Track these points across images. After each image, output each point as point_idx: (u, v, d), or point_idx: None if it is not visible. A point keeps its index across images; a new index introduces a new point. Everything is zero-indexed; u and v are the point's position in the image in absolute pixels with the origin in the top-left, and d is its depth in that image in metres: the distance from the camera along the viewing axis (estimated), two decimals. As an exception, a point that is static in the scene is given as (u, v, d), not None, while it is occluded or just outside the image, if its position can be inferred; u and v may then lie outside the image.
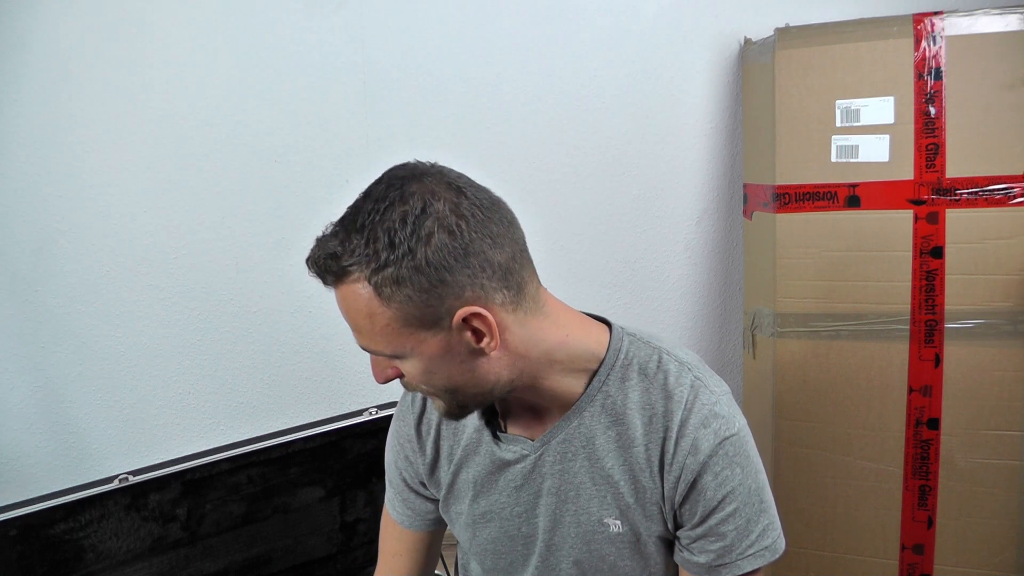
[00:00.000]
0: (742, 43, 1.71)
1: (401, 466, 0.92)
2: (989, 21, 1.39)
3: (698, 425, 0.74)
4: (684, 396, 0.75)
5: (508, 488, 0.83)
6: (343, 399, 1.90)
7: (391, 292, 0.65)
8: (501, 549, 0.86)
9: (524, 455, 0.81)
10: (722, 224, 1.84)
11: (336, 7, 1.74)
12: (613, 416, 0.77)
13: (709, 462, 0.74)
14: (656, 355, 0.79)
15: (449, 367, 0.71)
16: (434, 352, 0.69)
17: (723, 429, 0.74)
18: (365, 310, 0.67)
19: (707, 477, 0.74)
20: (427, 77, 1.77)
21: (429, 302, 0.66)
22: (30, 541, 1.06)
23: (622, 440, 0.77)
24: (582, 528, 0.80)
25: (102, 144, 1.79)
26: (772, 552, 0.77)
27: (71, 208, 1.81)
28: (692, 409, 0.75)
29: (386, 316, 0.67)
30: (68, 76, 1.75)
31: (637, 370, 0.78)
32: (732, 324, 1.89)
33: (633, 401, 0.77)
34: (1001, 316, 1.42)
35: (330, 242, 0.67)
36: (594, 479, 0.79)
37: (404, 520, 0.94)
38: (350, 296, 0.67)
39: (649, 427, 0.76)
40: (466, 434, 0.85)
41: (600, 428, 0.78)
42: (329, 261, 0.66)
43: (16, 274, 1.83)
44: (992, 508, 1.46)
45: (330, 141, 1.79)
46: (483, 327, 0.68)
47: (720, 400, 0.76)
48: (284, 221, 1.80)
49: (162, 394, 1.91)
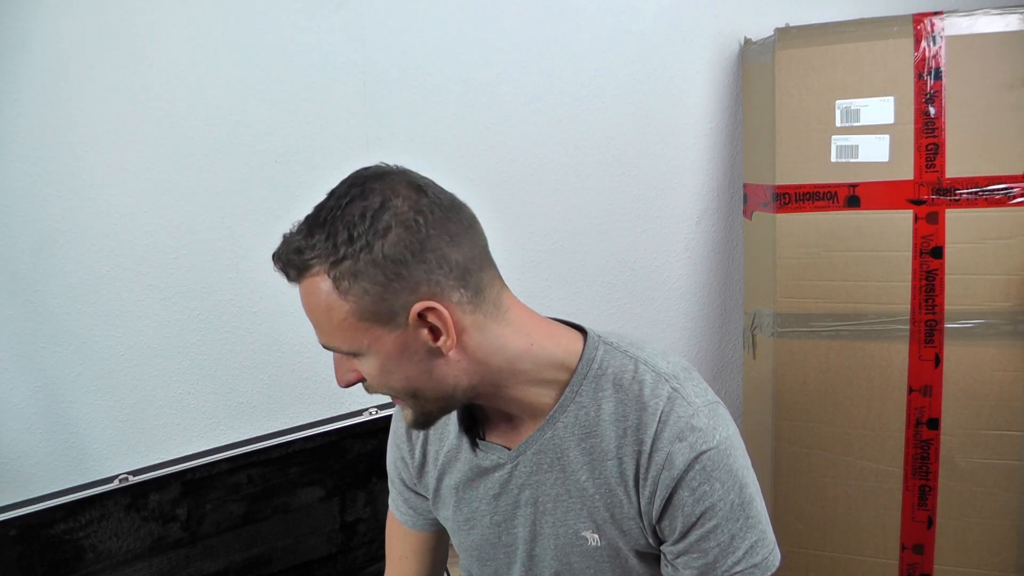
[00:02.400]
0: (742, 43, 1.71)
1: (399, 466, 0.92)
2: (989, 21, 1.39)
3: (672, 439, 0.71)
4: (659, 408, 0.72)
5: (487, 496, 0.82)
6: (343, 399, 1.89)
7: (348, 285, 0.66)
8: (485, 556, 0.86)
9: (500, 464, 0.80)
10: (722, 224, 1.84)
11: (336, 7, 1.74)
12: (586, 428, 0.75)
13: (684, 477, 0.71)
14: (632, 365, 0.76)
15: (407, 367, 0.70)
16: (391, 350, 0.69)
17: (699, 443, 0.71)
18: (324, 304, 0.68)
19: (683, 493, 0.71)
20: (427, 77, 1.77)
21: (385, 296, 0.66)
22: (30, 541, 1.06)
23: (595, 453, 0.75)
24: (560, 540, 0.79)
25: (102, 144, 1.78)
26: (764, 569, 0.73)
27: (71, 208, 1.81)
28: (667, 422, 0.72)
29: (344, 310, 0.67)
30: (68, 76, 1.75)
31: (611, 381, 0.75)
32: (732, 324, 1.89)
33: (607, 413, 0.74)
34: (1001, 316, 1.42)
35: (294, 238, 0.69)
36: (569, 492, 0.77)
37: (407, 520, 0.94)
38: (311, 290, 0.69)
39: (623, 440, 0.74)
40: (448, 440, 0.85)
41: (573, 441, 0.76)
42: (292, 256, 0.69)
43: (16, 274, 1.83)
44: (992, 508, 1.45)
45: (330, 141, 1.79)
46: (439, 323, 0.68)
47: (699, 412, 0.73)
48: (284, 221, 1.78)
49: (162, 394, 1.91)
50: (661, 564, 0.78)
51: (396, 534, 0.96)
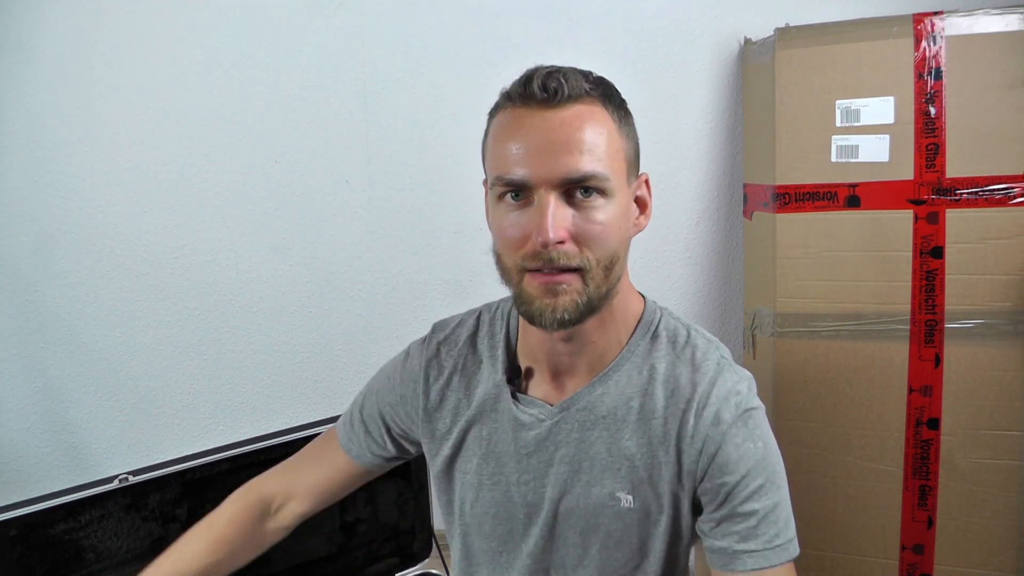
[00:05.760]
0: (742, 43, 1.71)
1: (388, 400, 0.89)
2: (989, 21, 1.39)
3: (721, 398, 0.74)
4: (710, 370, 0.75)
5: (519, 454, 0.80)
6: (343, 399, 1.88)
7: (624, 127, 0.73)
8: (502, 514, 0.82)
9: (541, 420, 0.78)
10: (722, 224, 1.84)
11: (336, 7, 1.74)
12: (638, 387, 0.76)
13: (730, 432, 0.72)
14: (685, 330, 0.80)
15: (622, 230, 0.72)
16: (624, 204, 0.72)
17: (745, 403, 0.74)
18: (606, 132, 0.70)
19: (728, 448, 0.72)
20: (427, 77, 1.77)
21: (638, 150, 0.75)
22: (30, 541, 1.06)
23: (643, 412, 0.76)
24: (592, 500, 0.77)
25: (102, 144, 1.79)
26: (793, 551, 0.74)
27: (71, 208, 1.81)
28: (716, 383, 0.75)
29: (620, 146, 0.72)
30: (68, 76, 1.75)
31: (666, 339, 0.78)
32: (732, 324, 1.89)
33: (659, 372, 0.76)
34: (1001, 316, 1.42)
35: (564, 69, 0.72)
36: (610, 451, 0.76)
37: (352, 448, 0.92)
38: (590, 116, 0.70)
39: (671, 400, 0.75)
40: (481, 389, 0.82)
41: (622, 400, 0.76)
42: (572, 79, 0.70)
43: (16, 274, 1.83)
44: (992, 508, 1.45)
45: (330, 141, 1.79)
46: (647, 196, 0.77)
47: (743, 379, 0.77)
48: (284, 221, 1.80)
49: (162, 394, 1.91)
50: (700, 538, 0.77)
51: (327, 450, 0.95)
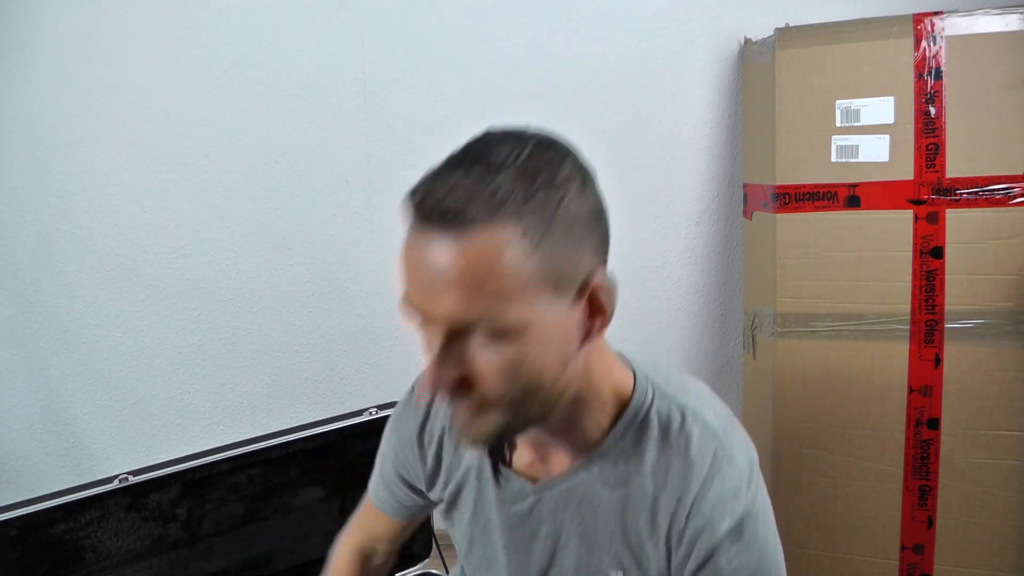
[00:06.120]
0: (742, 43, 1.71)
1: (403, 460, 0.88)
2: (989, 21, 1.39)
3: (713, 504, 0.67)
4: (705, 468, 0.67)
5: (503, 525, 0.77)
6: (343, 399, 1.90)
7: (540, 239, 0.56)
8: (494, 568, 0.82)
9: (524, 496, 0.75)
10: (722, 224, 1.84)
11: (336, 7, 1.74)
12: (623, 476, 0.70)
13: (723, 545, 0.66)
14: (680, 415, 0.70)
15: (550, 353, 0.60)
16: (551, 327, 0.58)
17: (740, 508, 0.67)
18: (503, 263, 0.55)
19: (721, 562, 0.67)
20: (427, 77, 1.77)
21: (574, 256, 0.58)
22: (30, 541, 1.06)
23: (628, 502, 0.70)
24: (582, 572, 0.74)
25: (102, 144, 1.79)
26: None
27: (71, 208, 1.81)
28: (711, 485, 0.67)
29: (528, 270, 0.56)
30: (68, 76, 1.75)
31: (658, 427, 0.70)
32: (732, 324, 1.89)
33: (648, 463, 0.69)
34: (1001, 316, 1.42)
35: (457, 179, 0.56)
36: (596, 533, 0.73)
37: (387, 508, 0.92)
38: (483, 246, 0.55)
39: (661, 493, 0.69)
40: (468, 455, 0.79)
41: (607, 487, 0.71)
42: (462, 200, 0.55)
43: (16, 274, 1.83)
44: (992, 508, 1.45)
45: (330, 141, 1.79)
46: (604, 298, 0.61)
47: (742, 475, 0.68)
48: (284, 221, 1.80)
49: (162, 394, 1.91)
50: None
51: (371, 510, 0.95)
